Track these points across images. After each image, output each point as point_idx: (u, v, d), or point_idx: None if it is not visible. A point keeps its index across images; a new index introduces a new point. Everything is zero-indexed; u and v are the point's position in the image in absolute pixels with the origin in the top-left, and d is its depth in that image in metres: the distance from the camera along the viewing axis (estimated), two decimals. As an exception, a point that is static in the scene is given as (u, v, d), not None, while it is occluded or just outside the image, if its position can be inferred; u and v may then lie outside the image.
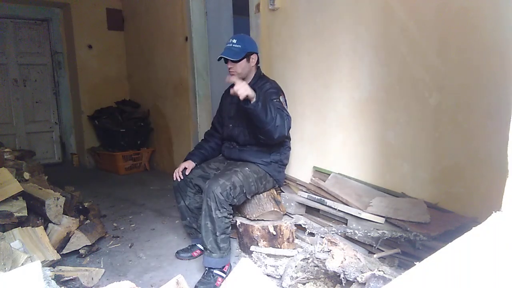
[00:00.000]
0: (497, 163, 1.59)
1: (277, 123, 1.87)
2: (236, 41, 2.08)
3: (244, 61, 2.09)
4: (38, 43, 4.80)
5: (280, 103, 2.00)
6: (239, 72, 2.09)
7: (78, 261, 2.16)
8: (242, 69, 2.10)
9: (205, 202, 1.86)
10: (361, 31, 2.14)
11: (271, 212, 2.10)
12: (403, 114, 2.01)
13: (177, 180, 2.15)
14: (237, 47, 2.06)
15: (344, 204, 2.10)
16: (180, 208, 2.20)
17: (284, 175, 2.31)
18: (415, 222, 1.79)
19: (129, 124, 4.51)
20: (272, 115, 1.85)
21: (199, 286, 1.84)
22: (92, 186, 3.83)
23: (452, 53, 1.77)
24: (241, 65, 2.09)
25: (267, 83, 2.13)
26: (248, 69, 2.13)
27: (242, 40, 2.11)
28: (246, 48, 2.09)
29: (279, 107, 1.94)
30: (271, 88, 2.08)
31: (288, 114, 1.99)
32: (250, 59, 2.12)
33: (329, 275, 1.65)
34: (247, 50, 2.09)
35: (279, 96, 2.05)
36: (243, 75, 2.11)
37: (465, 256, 0.81)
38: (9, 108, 4.67)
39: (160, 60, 4.30)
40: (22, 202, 2.07)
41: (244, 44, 2.09)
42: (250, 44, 2.14)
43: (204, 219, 1.87)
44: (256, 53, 2.15)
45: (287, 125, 1.95)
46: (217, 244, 1.87)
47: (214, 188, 1.83)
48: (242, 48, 2.07)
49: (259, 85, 2.09)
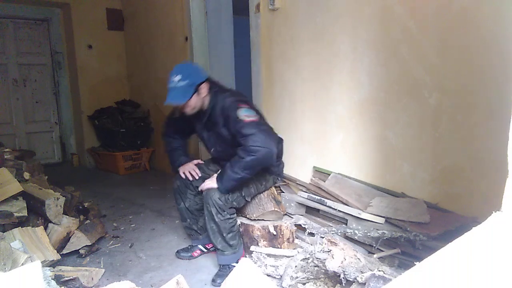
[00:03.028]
0: (497, 163, 1.59)
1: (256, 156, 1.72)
2: (180, 78, 1.83)
3: (194, 96, 1.87)
4: (38, 43, 4.79)
5: (248, 120, 1.79)
6: (192, 108, 1.91)
7: (78, 261, 2.16)
8: (195, 105, 1.91)
9: (205, 208, 1.88)
10: (361, 31, 2.14)
11: (272, 212, 2.10)
12: (403, 114, 2.00)
13: (177, 182, 2.15)
14: (182, 85, 1.83)
15: (344, 204, 2.10)
16: (180, 210, 2.20)
17: (283, 167, 2.24)
18: (415, 222, 1.79)
19: (129, 124, 4.50)
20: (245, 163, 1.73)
21: (217, 279, 1.88)
22: (92, 186, 3.82)
23: (452, 53, 1.77)
24: (191, 104, 1.89)
25: (223, 103, 1.90)
26: (201, 102, 1.92)
27: (186, 73, 1.86)
28: (193, 82, 1.85)
29: (251, 126, 1.76)
30: (230, 110, 1.85)
31: (262, 124, 1.82)
32: (200, 91, 1.89)
33: (329, 275, 1.65)
34: (195, 83, 1.85)
35: (238, 111, 1.82)
36: (197, 110, 1.95)
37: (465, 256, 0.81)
38: (9, 108, 4.66)
39: (160, 60, 4.29)
40: (22, 202, 2.07)
41: (190, 78, 1.84)
42: (196, 74, 1.90)
43: (208, 223, 1.89)
44: (205, 80, 1.91)
45: (267, 138, 1.76)
46: (227, 243, 1.91)
47: (212, 195, 1.84)
48: (188, 84, 1.83)
49: (218, 110, 1.91)
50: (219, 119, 1.93)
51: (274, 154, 1.80)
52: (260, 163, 1.80)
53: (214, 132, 2.01)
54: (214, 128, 1.99)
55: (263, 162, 1.80)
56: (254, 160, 1.75)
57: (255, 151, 1.73)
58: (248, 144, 1.74)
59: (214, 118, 1.96)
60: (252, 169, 1.81)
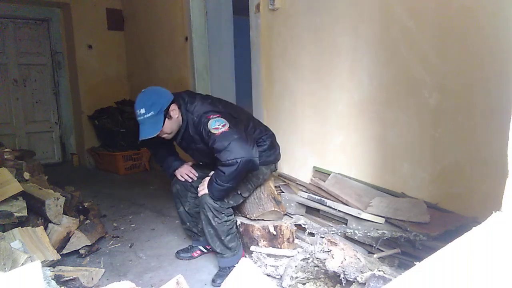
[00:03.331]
0: (497, 163, 1.59)
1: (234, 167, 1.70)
2: (145, 110, 1.77)
3: (166, 122, 1.83)
4: (38, 43, 4.79)
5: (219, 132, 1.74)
6: (169, 133, 1.89)
7: (78, 261, 2.16)
8: (171, 129, 1.88)
9: (202, 213, 1.88)
10: (361, 31, 2.14)
11: (272, 212, 2.10)
12: (403, 114, 2.00)
13: (176, 186, 2.14)
14: (149, 116, 1.77)
15: (344, 204, 2.10)
16: (179, 213, 2.20)
17: (278, 151, 2.18)
18: (415, 222, 1.79)
19: (129, 124, 4.50)
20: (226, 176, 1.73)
21: (217, 279, 1.89)
22: (92, 186, 3.82)
23: (452, 53, 1.77)
24: (166, 130, 1.86)
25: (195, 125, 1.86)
26: (176, 123, 1.89)
27: (149, 103, 1.79)
28: (160, 109, 1.79)
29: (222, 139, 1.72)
30: (202, 125, 1.81)
31: (234, 132, 1.75)
32: (170, 113, 1.85)
33: (329, 275, 1.65)
34: (162, 109, 1.80)
35: (212, 125, 1.77)
36: (175, 132, 1.93)
37: (465, 256, 0.81)
38: (9, 108, 4.66)
39: (160, 60, 4.29)
40: (22, 202, 2.07)
41: (154, 107, 1.78)
42: (159, 99, 1.82)
43: (206, 227, 1.90)
44: (173, 101, 1.86)
45: (242, 146, 1.71)
46: (225, 246, 1.91)
47: (206, 199, 1.84)
48: (155, 114, 1.78)
49: (193, 132, 1.90)
50: (195, 136, 1.90)
51: (255, 158, 1.75)
52: (242, 172, 1.76)
53: (193, 148, 2.00)
54: (193, 145, 1.98)
55: (244, 170, 1.76)
56: (234, 172, 1.72)
57: (232, 164, 1.70)
58: (223, 159, 1.71)
59: (189, 136, 1.94)
60: (236, 179, 1.78)
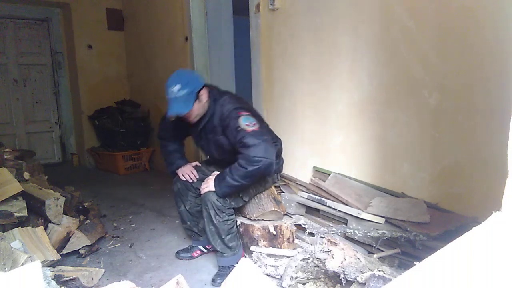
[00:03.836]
0: (497, 163, 1.59)
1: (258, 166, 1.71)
2: (179, 87, 1.79)
3: (195, 104, 1.85)
4: (38, 43, 4.79)
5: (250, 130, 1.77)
6: (195, 115, 1.90)
7: (78, 261, 2.16)
8: (197, 113, 1.90)
9: (204, 210, 1.89)
10: (361, 31, 2.14)
11: (272, 212, 2.10)
12: (403, 114, 2.00)
13: (177, 185, 2.14)
14: (182, 94, 1.79)
15: (344, 204, 2.10)
16: (180, 212, 2.20)
17: (282, 162, 2.22)
18: (415, 222, 1.79)
19: (129, 124, 4.50)
20: (246, 173, 1.73)
21: (217, 279, 1.89)
22: (92, 186, 3.82)
23: (452, 53, 1.77)
24: (194, 112, 1.87)
25: (223, 117, 1.87)
26: (203, 108, 1.90)
27: (185, 81, 1.82)
28: (193, 90, 1.82)
29: (253, 136, 1.74)
30: (230, 119, 1.83)
31: (264, 133, 1.81)
32: (200, 97, 1.87)
33: (329, 275, 1.65)
34: (195, 90, 1.83)
35: (238, 120, 1.80)
36: (200, 116, 1.93)
37: (465, 256, 0.81)
38: (9, 108, 4.67)
39: (160, 60, 4.29)
40: (22, 202, 2.07)
41: (189, 86, 1.81)
42: (194, 80, 1.86)
43: (207, 225, 1.90)
44: (203, 86, 1.89)
45: (269, 148, 1.76)
46: (225, 245, 1.91)
47: (210, 197, 1.84)
48: (189, 93, 1.80)
49: (217, 122, 1.91)
50: (217, 127, 1.92)
51: (274, 164, 1.82)
52: (261, 173, 1.81)
53: (211, 139, 2.01)
54: (211, 136, 1.99)
55: (264, 172, 1.81)
56: (255, 170, 1.75)
57: (258, 162, 1.72)
58: (251, 155, 1.73)
59: (211, 126, 1.95)
60: (252, 178, 1.81)
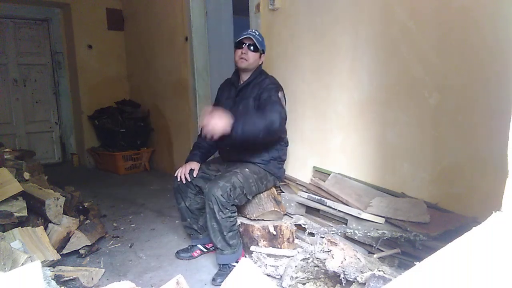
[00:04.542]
0: (497, 163, 1.59)
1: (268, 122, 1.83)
2: (258, 33, 2.11)
3: (258, 54, 2.11)
4: (38, 43, 4.79)
5: (278, 98, 2.01)
6: (249, 62, 2.09)
7: (78, 261, 2.16)
8: (253, 61, 2.11)
9: (207, 205, 1.88)
10: (361, 31, 2.14)
11: (271, 212, 2.10)
12: (403, 114, 2.00)
13: (177, 181, 2.14)
14: (259, 38, 2.09)
15: (344, 204, 2.10)
16: (180, 209, 2.20)
17: (284, 171, 2.30)
18: (415, 222, 1.79)
19: (129, 124, 4.50)
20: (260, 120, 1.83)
21: (217, 278, 1.90)
22: (92, 186, 3.82)
23: (452, 52, 1.77)
24: (254, 57, 2.10)
25: (266, 79, 2.13)
26: (256, 64, 2.14)
27: (261, 36, 2.14)
28: (263, 44, 2.14)
29: (275, 100, 1.96)
30: (270, 84, 2.08)
31: (283, 107, 1.99)
32: (261, 56, 2.16)
33: (329, 275, 1.65)
34: (264, 47, 2.15)
35: (278, 92, 2.05)
36: (250, 68, 2.12)
37: (465, 256, 0.81)
38: (9, 108, 4.67)
39: (160, 60, 4.29)
40: (22, 202, 2.07)
41: (263, 40, 2.14)
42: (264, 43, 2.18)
43: (210, 221, 1.90)
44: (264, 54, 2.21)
45: (279, 117, 1.90)
46: (226, 242, 1.91)
47: (214, 191, 1.84)
48: (261, 42, 2.12)
49: (258, 81, 2.11)
50: (253, 90, 2.08)
51: (279, 133, 2.02)
52: (272, 130, 1.86)
53: (241, 103, 2.10)
54: (245, 102, 2.09)
55: (273, 131, 1.87)
56: (274, 124, 1.84)
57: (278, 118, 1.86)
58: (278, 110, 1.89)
59: (247, 88, 2.12)
60: (265, 132, 1.82)
